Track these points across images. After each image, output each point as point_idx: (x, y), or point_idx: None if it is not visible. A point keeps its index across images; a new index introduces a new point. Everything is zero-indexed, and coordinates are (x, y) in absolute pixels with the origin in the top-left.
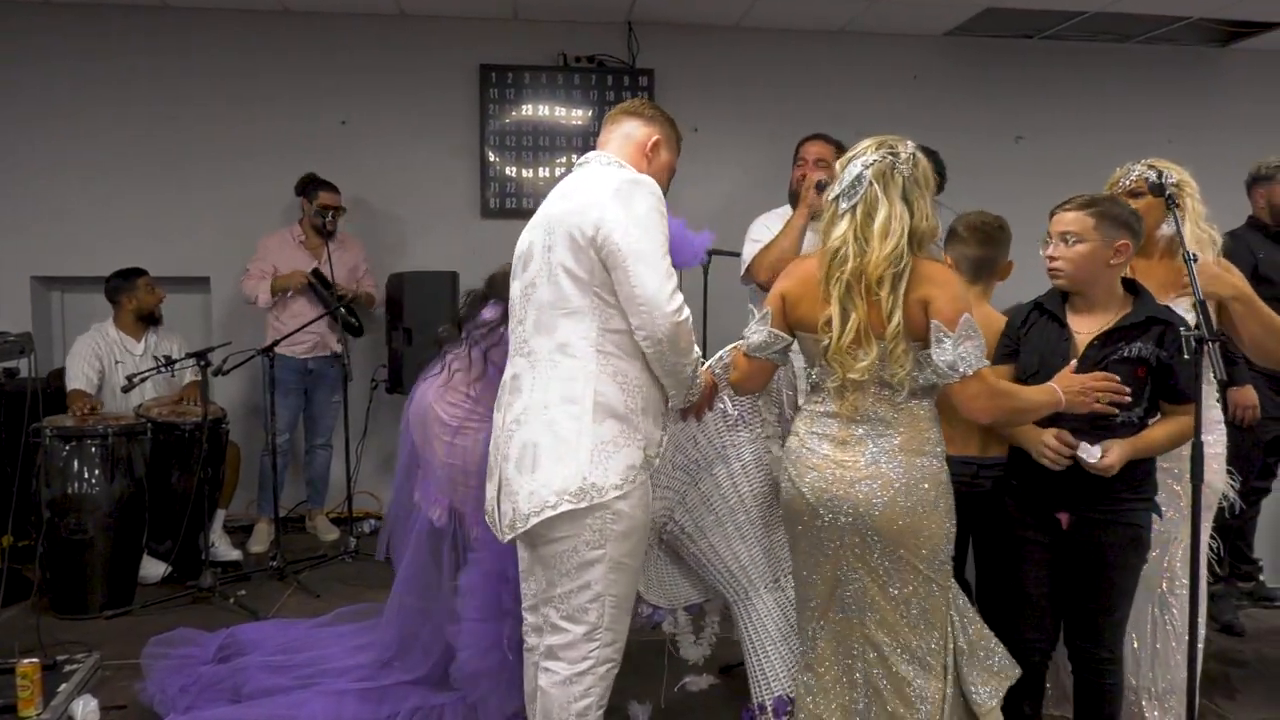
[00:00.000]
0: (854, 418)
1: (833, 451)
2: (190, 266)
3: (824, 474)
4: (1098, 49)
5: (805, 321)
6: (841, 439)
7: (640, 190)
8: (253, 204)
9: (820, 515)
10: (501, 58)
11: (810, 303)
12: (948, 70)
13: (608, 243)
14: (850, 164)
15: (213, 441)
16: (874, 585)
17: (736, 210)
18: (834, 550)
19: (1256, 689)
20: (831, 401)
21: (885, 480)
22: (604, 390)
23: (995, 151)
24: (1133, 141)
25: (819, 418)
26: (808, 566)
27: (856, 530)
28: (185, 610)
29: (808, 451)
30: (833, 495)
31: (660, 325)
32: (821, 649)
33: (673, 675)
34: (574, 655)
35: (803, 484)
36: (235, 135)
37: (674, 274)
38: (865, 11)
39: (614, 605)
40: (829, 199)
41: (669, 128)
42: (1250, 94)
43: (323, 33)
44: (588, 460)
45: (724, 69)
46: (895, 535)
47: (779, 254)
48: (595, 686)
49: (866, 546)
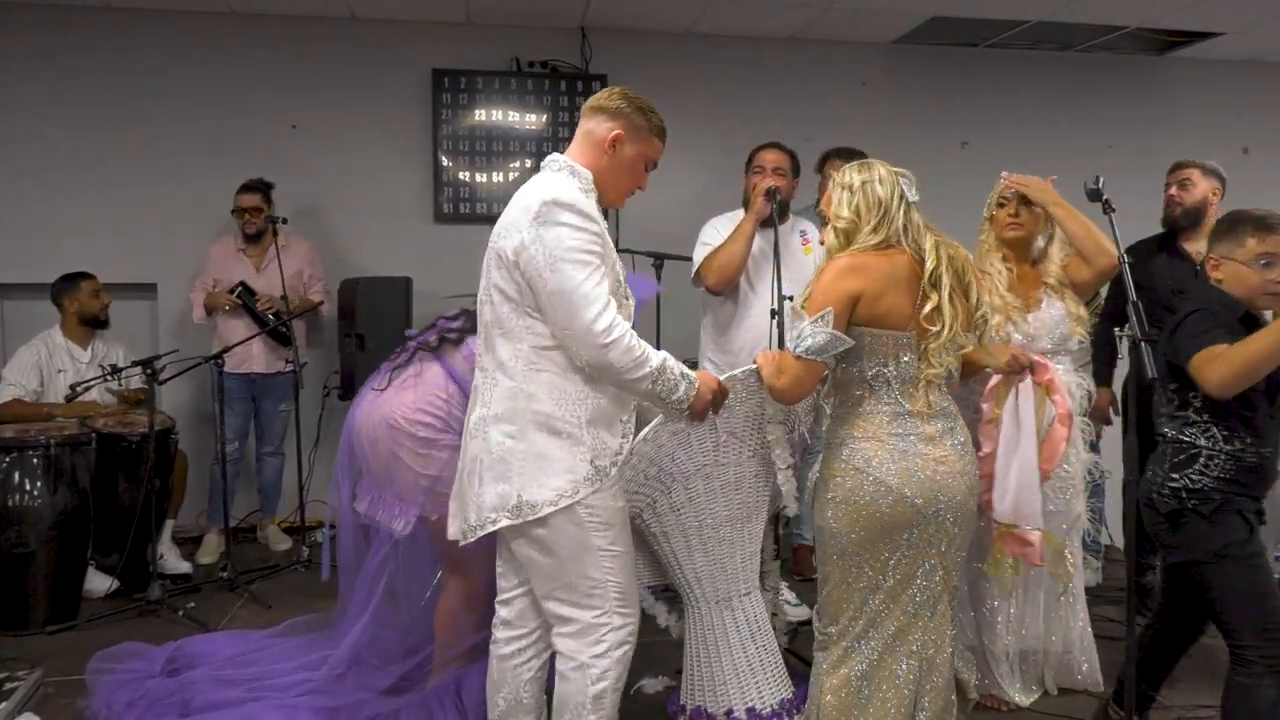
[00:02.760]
0: (931, 414)
1: (928, 449)
2: (136, 273)
3: (927, 474)
4: (1040, 57)
5: (889, 317)
6: (929, 435)
7: (558, 214)
8: (200, 209)
9: (926, 516)
10: (454, 62)
11: (896, 297)
12: (896, 77)
13: (527, 269)
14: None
15: (161, 451)
16: (944, 583)
17: (688, 215)
18: (926, 549)
19: (1196, 678)
20: (905, 401)
21: (969, 470)
22: (539, 408)
23: (942, 156)
24: (1074, 146)
25: (896, 419)
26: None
27: (956, 523)
28: (132, 624)
29: (902, 455)
30: (936, 491)
31: (588, 352)
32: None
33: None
34: (587, 640)
35: (907, 488)
36: (182, 139)
37: (600, 296)
38: (815, 19)
39: (618, 590)
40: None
41: (638, 117)
42: (1185, 100)
43: (271, 35)
44: (521, 478)
45: (677, 75)
46: (972, 522)
47: (727, 258)
48: (611, 670)
49: (953, 538)
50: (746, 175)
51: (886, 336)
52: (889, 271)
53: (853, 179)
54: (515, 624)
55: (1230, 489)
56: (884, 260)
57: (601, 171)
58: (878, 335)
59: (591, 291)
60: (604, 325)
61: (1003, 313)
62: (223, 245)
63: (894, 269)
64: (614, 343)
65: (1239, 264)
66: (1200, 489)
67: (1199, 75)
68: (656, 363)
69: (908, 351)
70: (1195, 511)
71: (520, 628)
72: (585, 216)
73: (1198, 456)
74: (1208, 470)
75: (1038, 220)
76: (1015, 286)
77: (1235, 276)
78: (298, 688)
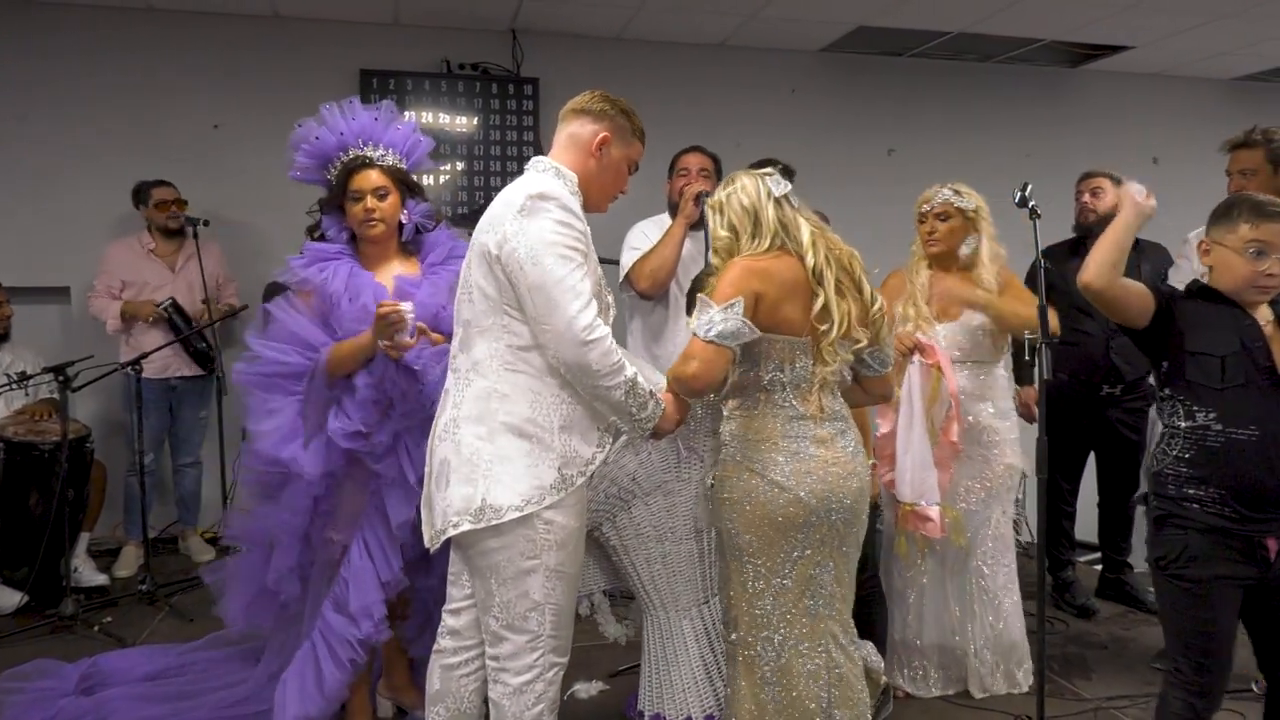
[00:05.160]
0: (824, 417)
1: (820, 451)
2: (49, 276)
3: (819, 475)
4: (961, 67)
5: (785, 323)
6: (822, 438)
7: (544, 207)
8: (117, 210)
9: (819, 517)
10: (382, 63)
11: (793, 303)
12: (823, 85)
13: (510, 262)
14: (773, 179)
15: (76, 461)
16: (836, 581)
17: (616, 219)
18: (817, 553)
19: (1109, 668)
20: (799, 404)
21: (859, 472)
22: (512, 409)
23: (869, 162)
24: (995, 154)
25: (790, 422)
26: (779, 577)
27: (847, 523)
28: (44, 641)
29: (795, 456)
30: (828, 492)
31: (566, 350)
32: (788, 658)
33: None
34: (520, 665)
35: (801, 489)
36: (99, 138)
37: (583, 293)
38: (743, 27)
39: (555, 613)
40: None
41: (622, 119)
42: (1098, 111)
43: (192, 33)
44: (487, 480)
45: (608, 79)
46: (862, 523)
47: (659, 262)
48: (546, 693)
49: (844, 540)
50: (669, 179)
51: (783, 342)
52: (789, 277)
53: (719, 197)
54: (464, 634)
55: (1187, 484)
56: (781, 264)
57: (588, 175)
58: (774, 340)
59: (575, 286)
60: (586, 322)
61: (914, 322)
62: (125, 246)
63: (792, 273)
64: (596, 342)
65: (1229, 250)
66: (1160, 474)
67: (1111, 87)
68: (630, 373)
69: (803, 356)
70: (1154, 508)
71: (469, 638)
72: (571, 213)
73: (1165, 438)
74: (1169, 451)
75: (955, 233)
76: (939, 297)
77: (1224, 264)
78: (223, 704)
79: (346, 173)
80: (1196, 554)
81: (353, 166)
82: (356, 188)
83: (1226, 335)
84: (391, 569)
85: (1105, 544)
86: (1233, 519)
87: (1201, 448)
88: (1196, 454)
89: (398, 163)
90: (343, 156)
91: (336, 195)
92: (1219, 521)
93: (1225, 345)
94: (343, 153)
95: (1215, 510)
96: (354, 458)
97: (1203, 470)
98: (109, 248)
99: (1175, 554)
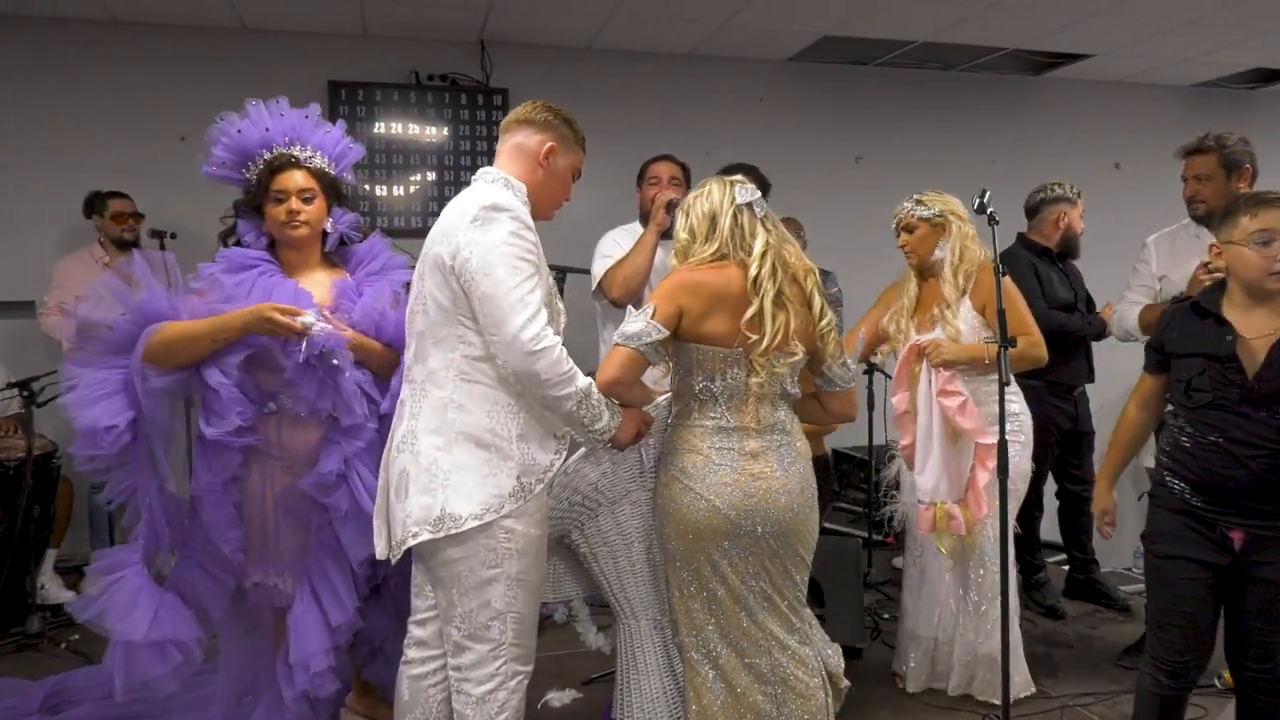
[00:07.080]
0: (759, 429)
1: (746, 464)
2: (14, 290)
3: (742, 488)
4: (926, 76)
5: (713, 335)
6: (752, 451)
7: (497, 217)
8: (84, 223)
9: (741, 529)
10: (351, 74)
11: (723, 315)
12: (792, 93)
13: (464, 272)
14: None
15: (42, 478)
16: (772, 585)
17: (588, 227)
18: (743, 561)
19: (1077, 668)
20: (732, 415)
21: (792, 487)
22: (469, 420)
23: (837, 169)
24: (960, 160)
25: (719, 433)
26: (710, 582)
27: (775, 537)
28: (9, 659)
29: (717, 467)
30: (751, 508)
31: (514, 360)
32: (728, 658)
33: (535, 691)
34: (482, 674)
35: (719, 500)
36: (64, 151)
37: (531, 303)
38: (712, 36)
39: (517, 621)
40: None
41: (565, 128)
42: (1061, 117)
43: (157, 45)
44: (446, 490)
45: (577, 89)
46: (802, 536)
47: (632, 270)
48: (509, 701)
49: (775, 552)
50: (640, 188)
51: (713, 352)
52: (721, 288)
53: (688, 201)
54: (430, 644)
55: (1166, 471)
56: (718, 275)
57: (536, 184)
58: (704, 351)
59: (524, 298)
60: (533, 333)
61: (893, 340)
62: (77, 259)
63: (727, 284)
64: (542, 352)
65: (1238, 246)
66: (1157, 459)
67: (1074, 94)
68: (583, 384)
69: (735, 367)
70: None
71: (435, 648)
72: (523, 224)
73: (1162, 426)
74: (1160, 441)
75: (924, 241)
76: (922, 309)
77: (1237, 260)
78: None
79: (270, 171)
80: (1166, 531)
81: (277, 165)
82: (280, 188)
83: (1198, 358)
84: (345, 610)
85: (1069, 542)
86: (1200, 507)
87: (1177, 444)
88: (1174, 449)
89: (326, 166)
90: (266, 154)
91: (256, 196)
92: (1188, 506)
93: (1193, 368)
94: (266, 150)
95: (1185, 497)
96: (257, 459)
97: (1176, 464)
98: (60, 262)
99: (1152, 531)
